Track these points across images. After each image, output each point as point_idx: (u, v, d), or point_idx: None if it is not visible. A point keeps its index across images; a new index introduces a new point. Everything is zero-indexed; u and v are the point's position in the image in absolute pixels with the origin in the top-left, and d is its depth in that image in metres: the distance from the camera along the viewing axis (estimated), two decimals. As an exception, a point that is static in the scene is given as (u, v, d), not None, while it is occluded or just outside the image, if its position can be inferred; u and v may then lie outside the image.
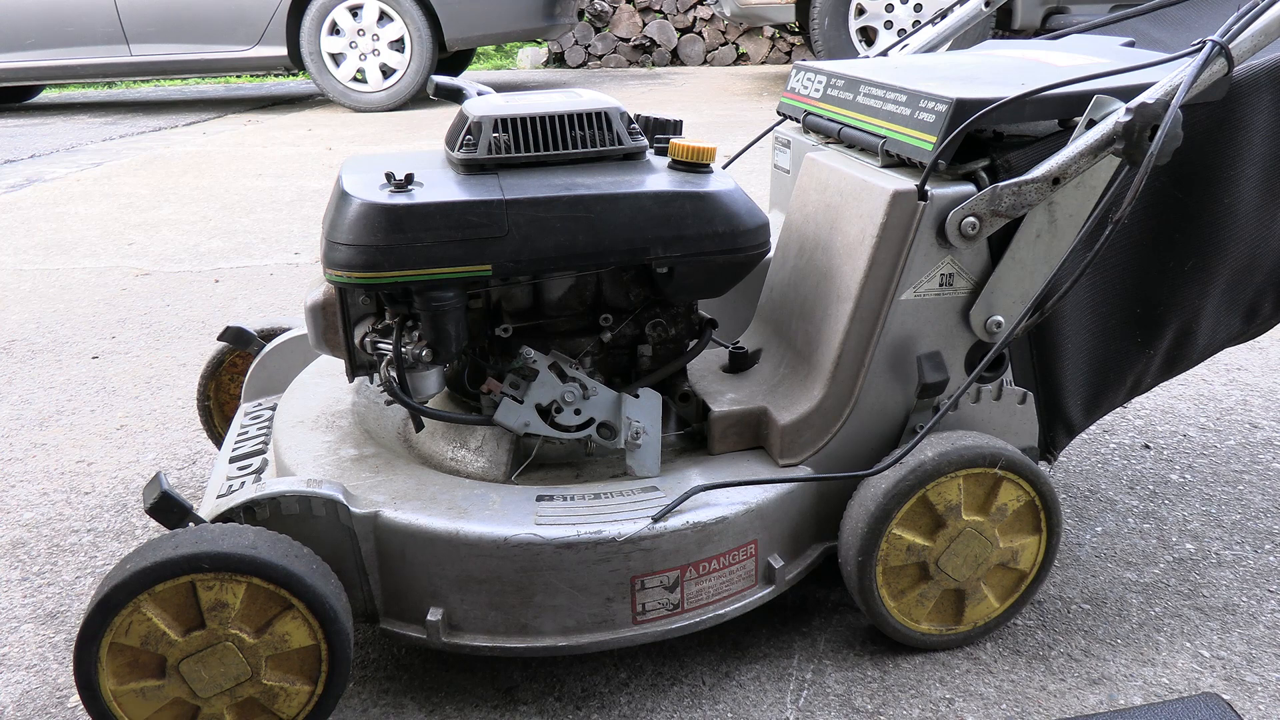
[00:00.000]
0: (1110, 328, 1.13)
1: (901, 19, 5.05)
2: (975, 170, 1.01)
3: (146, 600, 0.84)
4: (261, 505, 0.92)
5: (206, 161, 4.25)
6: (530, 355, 0.98)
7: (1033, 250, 1.03)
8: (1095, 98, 0.96)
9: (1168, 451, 1.51)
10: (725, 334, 1.21)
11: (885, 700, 1.01)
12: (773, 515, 1.01)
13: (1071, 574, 1.21)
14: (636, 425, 1.00)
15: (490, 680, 1.05)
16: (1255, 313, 1.21)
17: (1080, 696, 1.01)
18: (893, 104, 1.08)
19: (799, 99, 1.31)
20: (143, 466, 1.55)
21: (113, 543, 1.34)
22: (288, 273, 2.59)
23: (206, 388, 1.42)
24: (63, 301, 2.39)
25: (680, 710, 1.00)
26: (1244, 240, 1.13)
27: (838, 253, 1.06)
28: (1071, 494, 1.40)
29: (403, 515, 0.94)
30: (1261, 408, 1.64)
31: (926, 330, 1.03)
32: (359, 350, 1.00)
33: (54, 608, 1.20)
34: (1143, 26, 1.38)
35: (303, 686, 0.91)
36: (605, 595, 0.94)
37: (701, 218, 0.99)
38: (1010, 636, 1.10)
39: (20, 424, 1.72)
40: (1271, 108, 1.08)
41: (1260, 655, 1.06)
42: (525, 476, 1.03)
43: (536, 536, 0.92)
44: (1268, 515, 1.33)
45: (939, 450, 0.99)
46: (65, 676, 1.08)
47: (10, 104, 6.72)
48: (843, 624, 1.12)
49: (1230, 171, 1.09)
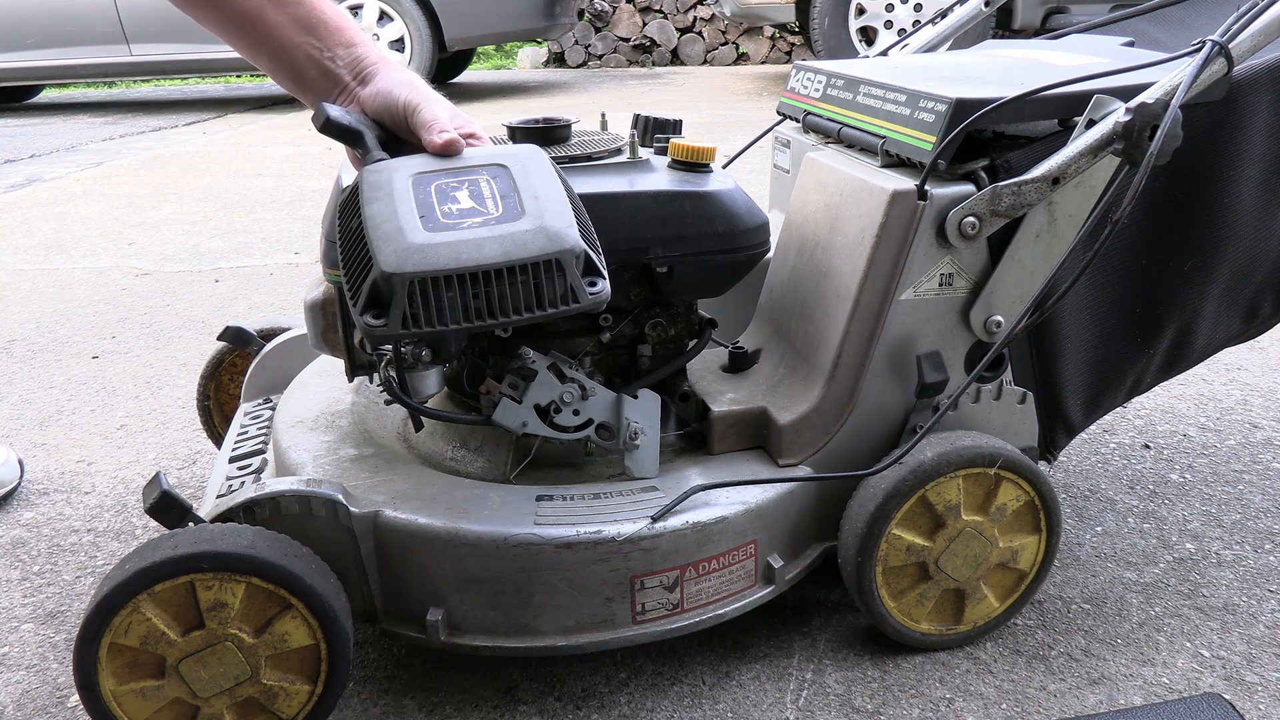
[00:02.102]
0: (1110, 327, 1.13)
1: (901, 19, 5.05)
2: (975, 170, 1.01)
3: (146, 600, 0.84)
4: (261, 505, 0.92)
5: (206, 161, 4.25)
6: (529, 355, 0.98)
7: (1032, 250, 1.03)
8: (1095, 98, 0.96)
9: (1168, 451, 1.51)
10: (725, 334, 1.21)
11: (885, 700, 1.01)
12: (772, 515, 1.01)
13: (1071, 574, 1.21)
14: (635, 426, 1.00)
15: (490, 680, 1.05)
16: (1255, 312, 1.21)
17: (1080, 696, 1.01)
18: (892, 104, 1.08)
19: (799, 99, 1.31)
20: (143, 466, 1.55)
21: (113, 543, 1.34)
22: (288, 273, 2.59)
23: (206, 388, 1.42)
24: (63, 301, 2.39)
25: (680, 710, 1.00)
26: (1244, 240, 1.13)
27: (837, 252, 1.05)
28: (1071, 494, 1.40)
29: (402, 515, 0.94)
30: (1261, 408, 1.64)
31: (926, 330, 1.03)
32: (359, 350, 1.00)
33: (54, 608, 1.20)
34: (1143, 26, 1.38)
35: (302, 686, 0.91)
36: (605, 595, 0.94)
37: (701, 217, 0.99)
38: (1010, 636, 1.10)
39: (20, 424, 1.72)
40: (1271, 108, 1.08)
41: (1260, 655, 1.06)
42: (525, 476, 1.03)
43: (536, 536, 0.92)
44: (1268, 515, 1.33)
45: (938, 450, 0.99)
46: (65, 676, 1.08)
47: (10, 104, 6.72)
48: (843, 624, 1.12)
49: (1230, 171, 1.09)
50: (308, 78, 0.94)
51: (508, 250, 0.81)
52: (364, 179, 0.86)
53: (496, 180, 0.87)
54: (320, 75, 0.94)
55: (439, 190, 0.85)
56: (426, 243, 0.80)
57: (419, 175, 0.86)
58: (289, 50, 0.93)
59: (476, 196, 0.85)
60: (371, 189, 0.84)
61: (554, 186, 0.87)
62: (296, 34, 0.93)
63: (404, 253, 0.79)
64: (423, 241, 0.80)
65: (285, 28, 0.93)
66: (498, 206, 0.84)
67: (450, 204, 0.84)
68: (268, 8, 0.92)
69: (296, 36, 0.93)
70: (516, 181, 0.87)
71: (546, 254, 0.81)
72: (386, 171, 0.86)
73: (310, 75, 0.94)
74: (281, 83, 0.97)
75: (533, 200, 0.85)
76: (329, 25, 0.94)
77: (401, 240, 0.80)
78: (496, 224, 0.82)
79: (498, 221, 0.83)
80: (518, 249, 0.81)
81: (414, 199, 0.84)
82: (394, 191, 0.84)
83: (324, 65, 0.94)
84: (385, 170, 0.87)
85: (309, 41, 0.93)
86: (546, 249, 0.81)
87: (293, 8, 0.93)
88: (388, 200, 0.83)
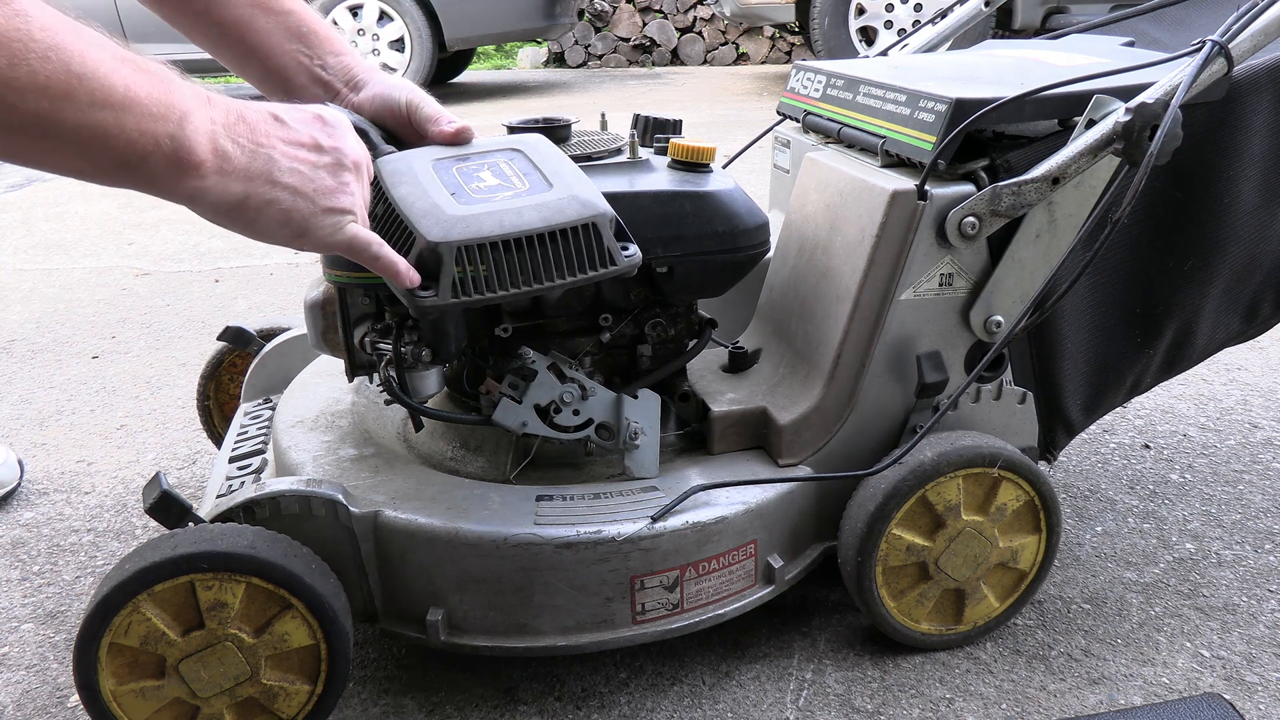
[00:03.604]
0: (1110, 327, 1.13)
1: (901, 19, 5.05)
2: (975, 170, 1.01)
3: (146, 600, 0.84)
4: (261, 505, 0.92)
5: (206, 161, 4.24)
6: (529, 355, 0.98)
7: (1032, 250, 1.03)
8: (1095, 97, 0.96)
9: (1168, 451, 1.51)
10: (725, 334, 1.21)
11: (885, 700, 1.01)
12: (772, 515, 1.01)
13: (1071, 574, 1.21)
14: (635, 426, 1.00)
15: (490, 680, 1.05)
16: (1255, 312, 1.21)
17: (1080, 696, 1.01)
18: (892, 104, 1.08)
19: (799, 99, 1.31)
20: (143, 466, 1.55)
21: (113, 543, 1.34)
22: (288, 273, 2.59)
23: (206, 388, 1.42)
24: (63, 301, 2.39)
25: (680, 710, 1.00)
26: (1244, 240, 1.13)
27: (837, 252, 1.05)
28: (1071, 494, 1.40)
29: (402, 515, 0.94)
30: (1261, 408, 1.64)
31: (926, 330, 1.03)
32: (358, 350, 1.00)
33: (54, 608, 1.20)
34: (1143, 26, 1.38)
35: (302, 686, 0.91)
36: (605, 595, 0.94)
37: (701, 217, 0.99)
38: (1010, 636, 1.10)
39: (20, 424, 1.72)
40: (1271, 107, 1.08)
41: (1260, 655, 1.06)
42: (525, 476, 1.03)
43: (536, 536, 0.92)
44: (1268, 515, 1.33)
45: (938, 450, 0.99)
46: (65, 676, 1.08)
47: (10, 104, 6.71)
48: (843, 624, 1.12)
49: (1230, 171, 1.09)
50: (297, 85, 0.95)
51: (547, 216, 0.84)
52: (383, 168, 0.88)
53: (515, 161, 0.91)
54: (310, 82, 0.95)
55: (462, 172, 0.88)
56: (468, 214, 0.83)
57: (438, 161, 0.89)
58: (279, 58, 0.94)
59: (500, 175, 0.88)
60: (394, 175, 0.87)
61: (570, 164, 0.91)
62: (286, 41, 0.94)
63: (448, 223, 0.82)
64: (463, 213, 0.83)
65: (275, 35, 0.93)
66: (523, 181, 0.88)
67: (477, 182, 0.87)
68: (258, 15, 0.93)
69: (286, 44, 0.94)
70: (534, 161, 0.91)
71: (584, 218, 0.85)
72: (404, 160, 0.89)
73: (299, 83, 0.95)
74: (269, 93, 0.97)
75: (556, 175, 0.88)
76: (318, 34, 0.95)
77: (441, 213, 0.82)
78: (528, 195, 0.86)
79: (529, 193, 0.86)
80: (556, 215, 0.84)
81: (440, 180, 0.86)
82: (418, 175, 0.87)
83: (314, 73, 0.94)
84: (403, 159, 0.89)
85: (299, 49, 0.94)
86: (583, 214, 0.85)
87: (283, 16, 0.94)
88: (414, 183, 0.85)
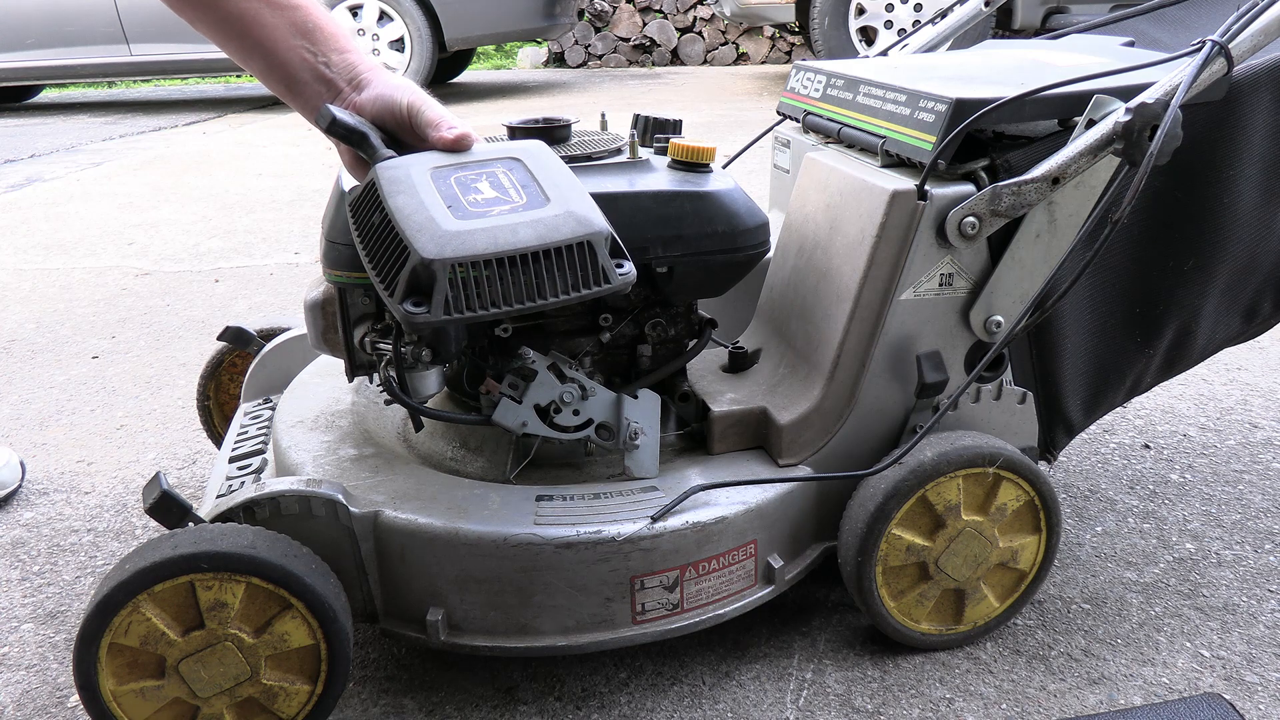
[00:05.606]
0: (1110, 327, 1.13)
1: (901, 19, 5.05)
2: (975, 170, 1.01)
3: (146, 600, 0.84)
4: (261, 505, 0.92)
5: (206, 161, 4.25)
6: (529, 355, 0.98)
7: (1032, 250, 1.03)
8: (1095, 97, 0.96)
9: (1168, 451, 1.51)
10: (725, 334, 1.21)
11: (885, 700, 1.01)
12: (772, 515, 1.01)
13: (1071, 574, 1.21)
14: (635, 426, 1.00)
15: (490, 680, 1.05)
16: (1255, 312, 1.21)
17: (1080, 696, 1.01)
18: (892, 104, 1.08)
19: (799, 99, 1.31)
20: (143, 466, 1.55)
21: (113, 543, 1.34)
22: (288, 272, 2.59)
23: (206, 388, 1.42)
24: (63, 301, 2.39)
25: (680, 710, 1.00)
26: (1244, 240, 1.13)
27: (837, 252, 1.05)
28: (1071, 494, 1.40)
29: (402, 515, 0.94)
30: (1261, 408, 1.64)
31: (926, 330, 1.03)
32: (359, 350, 1.00)
33: (54, 608, 1.20)
34: (1143, 26, 1.38)
35: (302, 686, 0.91)
36: (605, 595, 0.94)
37: (701, 217, 0.99)
38: (1010, 636, 1.10)
39: (20, 424, 1.72)
40: (1271, 107, 1.08)
41: (1260, 655, 1.06)
42: (525, 476, 1.03)
43: (536, 536, 0.92)
44: (1268, 515, 1.33)
45: (938, 450, 0.99)
46: (65, 676, 1.08)
47: (10, 104, 6.72)
48: (843, 624, 1.12)
49: (1230, 171, 1.09)
50: (300, 82, 0.94)
51: (541, 234, 0.83)
52: (381, 175, 0.86)
53: (513, 171, 0.89)
54: (314, 80, 0.94)
55: (459, 182, 0.87)
56: (462, 229, 0.82)
57: (436, 169, 0.88)
58: (283, 54, 0.93)
59: (498, 187, 0.87)
60: (391, 184, 0.85)
61: (569, 175, 0.90)
62: (291, 37, 0.93)
63: (441, 239, 0.81)
64: (458, 228, 0.82)
65: (280, 30, 0.93)
66: (521, 195, 0.86)
67: (474, 194, 0.86)
68: (264, 10, 0.92)
69: (291, 40, 0.93)
70: (533, 172, 0.89)
71: (578, 236, 0.83)
72: (403, 167, 0.87)
73: (303, 79, 0.94)
74: (273, 88, 0.96)
75: (554, 188, 0.87)
76: (324, 30, 0.94)
77: (436, 228, 0.81)
78: (525, 210, 0.85)
79: (525, 208, 0.85)
80: (551, 233, 0.83)
81: (437, 191, 0.85)
82: (416, 184, 0.85)
83: (318, 70, 0.94)
84: (401, 166, 0.88)
85: (304, 45, 0.93)
86: (578, 232, 0.83)
87: (289, 11, 0.93)
88: (411, 193, 0.84)
